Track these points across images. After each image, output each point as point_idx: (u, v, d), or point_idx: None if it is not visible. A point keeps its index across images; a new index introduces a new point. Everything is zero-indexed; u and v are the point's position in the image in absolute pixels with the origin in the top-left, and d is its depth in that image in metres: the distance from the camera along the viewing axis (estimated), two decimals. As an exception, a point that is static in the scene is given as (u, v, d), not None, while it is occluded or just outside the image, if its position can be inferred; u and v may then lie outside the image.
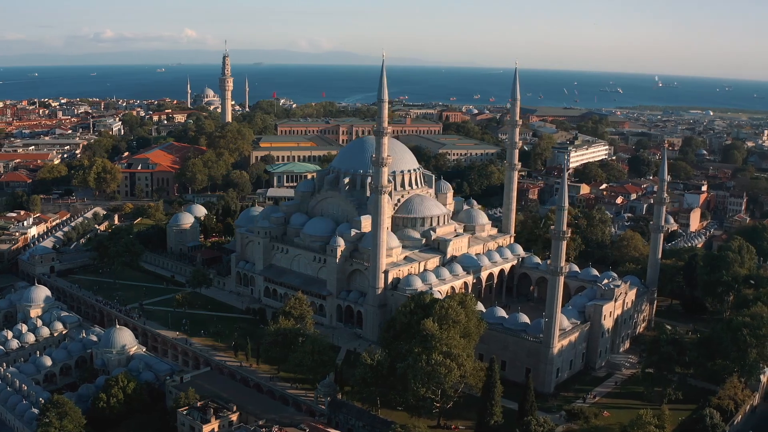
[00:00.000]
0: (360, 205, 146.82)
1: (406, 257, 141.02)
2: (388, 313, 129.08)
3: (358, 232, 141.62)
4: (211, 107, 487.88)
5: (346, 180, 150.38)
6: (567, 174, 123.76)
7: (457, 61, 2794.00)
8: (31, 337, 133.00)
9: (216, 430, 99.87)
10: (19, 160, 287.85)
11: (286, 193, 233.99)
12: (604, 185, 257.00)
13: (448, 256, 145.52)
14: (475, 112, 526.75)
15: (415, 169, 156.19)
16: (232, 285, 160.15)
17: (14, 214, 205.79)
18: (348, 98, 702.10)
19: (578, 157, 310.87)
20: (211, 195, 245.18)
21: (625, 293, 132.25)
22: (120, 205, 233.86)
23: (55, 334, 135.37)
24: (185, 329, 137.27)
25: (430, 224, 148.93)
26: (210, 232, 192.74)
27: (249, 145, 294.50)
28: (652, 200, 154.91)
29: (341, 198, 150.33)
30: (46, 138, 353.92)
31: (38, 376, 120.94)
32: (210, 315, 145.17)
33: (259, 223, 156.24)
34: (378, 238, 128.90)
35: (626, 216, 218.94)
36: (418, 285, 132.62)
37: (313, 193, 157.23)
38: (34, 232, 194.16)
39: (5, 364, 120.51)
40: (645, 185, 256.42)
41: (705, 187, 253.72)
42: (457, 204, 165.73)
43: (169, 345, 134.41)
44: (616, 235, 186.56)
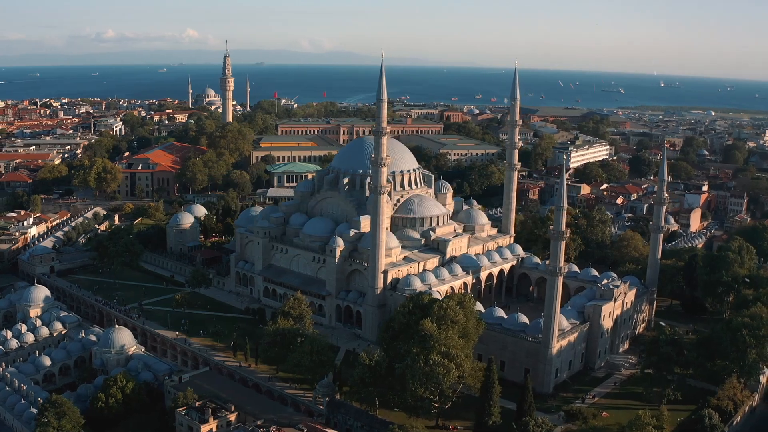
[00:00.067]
0: (359, 205, 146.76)
1: (405, 257, 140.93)
2: (387, 313, 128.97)
3: (358, 232, 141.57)
4: (213, 107, 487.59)
5: (346, 180, 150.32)
6: (567, 174, 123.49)
7: (457, 61, 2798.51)
8: (30, 337, 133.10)
9: (214, 430, 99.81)
10: (19, 160, 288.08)
11: (287, 193, 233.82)
12: (605, 185, 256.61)
13: (448, 257, 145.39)
14: (476, 112, 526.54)
15: (415, 169, 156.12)
16: (231, 285, 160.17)
17: (14, 214, 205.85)
18: (349, 98, 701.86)
19: (579, 158, 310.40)
20: (211, 195, 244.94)
21: (625, 293, 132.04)
22: (120, 205, 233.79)
23: (55, 334, 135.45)
24: (184, 329, 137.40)
25: (429, 224, 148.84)
26: (210, 232, 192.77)
27: (249, 145, 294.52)
28: (653, 200, 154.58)
29: (341, 198, 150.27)
30: (47, 138, 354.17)
31: (37, 376, 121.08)
32: (209, 315, 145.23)
33: (259, 223, 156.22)
34: (377, 239, 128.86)
35: (626, 216, 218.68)
36: (418, 285, 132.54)
37: (312, 193, 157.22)
38: (34, 232, 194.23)
39: (4, 364, 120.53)
40: (646, 185, 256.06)
41: (706, 188, 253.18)
42: (457, 204, 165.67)
43: (168, 345, 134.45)
44: (617, 236, 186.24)
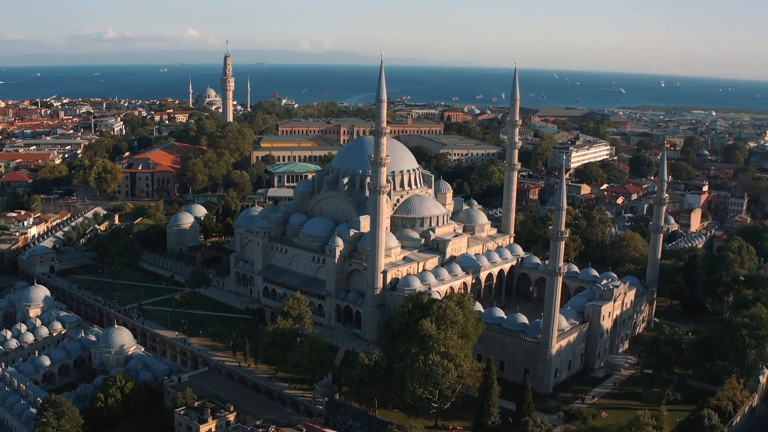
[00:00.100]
0: (359, 205, 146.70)
1: (405, 257, 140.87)
2: (386, 313, 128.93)
3: (357, 232, 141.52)
4: (213, 107, 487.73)
5: (345, 180, 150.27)
6: (567, 174, 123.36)
7: (458, 61, 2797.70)
8: (30, 337, 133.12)
9: (213, 430, 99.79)
10: (20, 160, 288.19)
11: (287, 193, 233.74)
12: (605, 185, 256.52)
13: (447, 257, 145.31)
14: (477, 112, 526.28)
15: (415, 169, 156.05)
16: (231, 285, 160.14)
17: (15, 214, 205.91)
18: (350, 98, 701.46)
19: (579, 158, 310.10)
20: (211, 195, 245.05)
21: (625, 294, 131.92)
22: (120, 205, 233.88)
23: (54, 334, 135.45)
24: (184, 329, 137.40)
25: (429, 224, 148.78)
26: (210, 232, 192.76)
27: (250, 145, 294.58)
28: (653, 201, 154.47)
29: (340, 198, 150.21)
30: (47, 138, 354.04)
31: (37, 375, 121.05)
32: (209, 315, 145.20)
33: (259, 223, 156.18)
34: (377, 239, 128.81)
35: (627, 216, 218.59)
36: (417, 285, 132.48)
37: (312, 193, 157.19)
38: (34, 232, 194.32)
39: (4, 364, 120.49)
40: (646, 185, 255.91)
41: (706, 188, 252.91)
42: (457, 204, 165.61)
43: (168, 345, 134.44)
44: (617, 236, 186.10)
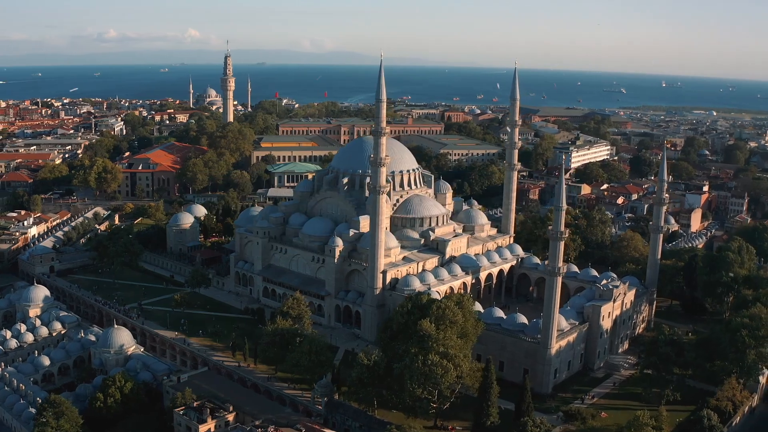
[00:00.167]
0: (359, 205, 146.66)
1: (404, 257, 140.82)
2: (386, 313, 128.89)
3: (357, 232, 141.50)
4: (214, 107, 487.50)
5: (345, 180, 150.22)
6: (565, 174, 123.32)
7: (458, 62, 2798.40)
8: (29, 337, 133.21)
9: (212, 430, 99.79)
10: (20, 160, 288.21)
11: (287, 193, 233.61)
12: (605, 185, 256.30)
13: (447, 257, 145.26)
14: (478, 112, 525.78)
15: (415, 169, 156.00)
16: (231, 285, 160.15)
17: (15, 214, 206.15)
18: (351, 98, 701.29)
19: (580, 158, 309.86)
20: (211, 195, 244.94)
21: (624, 294, 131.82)
22: (121, 205, 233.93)
23: (54, 334, 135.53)
24: (183, 329, 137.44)
25: (429, 224, 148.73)
26: (210, 232, 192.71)
27: (250, 145, 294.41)
28: (653, 201, 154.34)
29: (340, 198, 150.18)
30: (48, 138, 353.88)
31: (36, 375, 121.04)
32: (208, 315, 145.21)
33: (258, 223, 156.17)
34: (376, 239, 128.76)
35: (627, 216, 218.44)
36: (417, 285, 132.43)
37: (312, 193, 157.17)
38: (34, 231, 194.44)
39: (3, 364, 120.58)
40: (646, 185, 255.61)
41: (706, 188, 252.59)
42: (457, 204, 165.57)
43: (168, 345, 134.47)
44: (617, 236, 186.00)
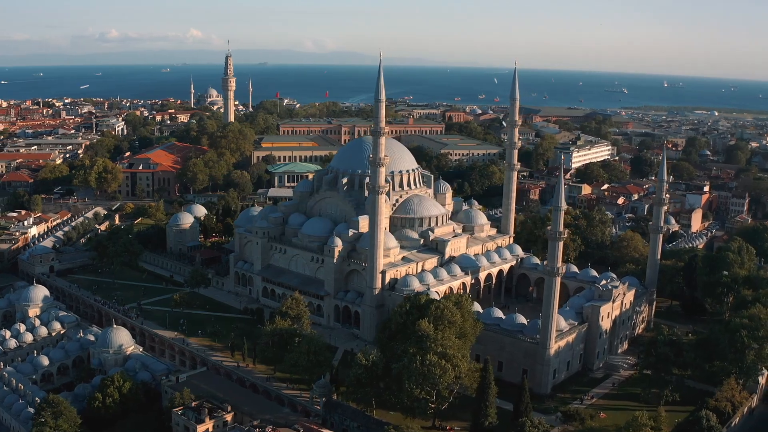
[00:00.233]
0: (358, 205, 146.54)
1: (403, 257, 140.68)
2: (385, 313, 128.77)
3: (356, 232, 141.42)
4: (215, 107, 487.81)
5: (345, 180, 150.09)
6: (564, 174, 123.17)
7: (459, 62, 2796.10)
8: (29, 337, 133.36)
9: (210, 430, 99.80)
10: (21, 160, 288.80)
11: (287, 193, 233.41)
12: (606, 186, 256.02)
13: (447, 257, 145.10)
14: (479, 112, 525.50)
15: (414, 169, 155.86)
16: (230, 285, 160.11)
17: (15, 214, 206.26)
18: (352, 98, 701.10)
19: (581, 158, 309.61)
20: (212, 195, 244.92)
21: (624, 294, 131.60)
22: (121, 204, 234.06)
23: (53, 334, 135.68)
24: (183, 329, 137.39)
25: (428, 224, 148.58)
26: (210, 232, 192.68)
27: (250, 145, 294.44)
28: (653, 201, 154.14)
29: (339, 198, 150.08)
30: (48, 138, 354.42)
31: (35, 375, 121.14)
32: (208, 315, 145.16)
33: (258, 223, 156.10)
34: (375, 239, 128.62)
35: (627, 216, 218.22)
36: (416, 285, 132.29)
37: (311, 193, 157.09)
38: (34, 231, 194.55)
39: (3, 364, 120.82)
40: (647, 186, 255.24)
41: (707, 188, 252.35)
42: (456, 204, 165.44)
43: (167, 345, 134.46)
44: (617, 236, 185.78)
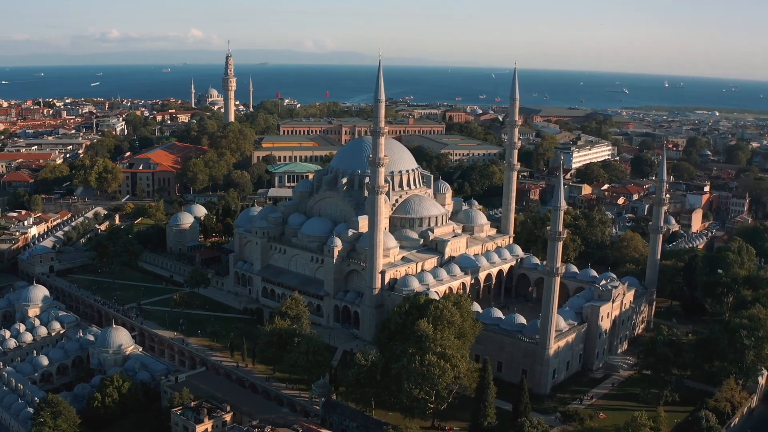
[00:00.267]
0: (358, 205, 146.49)
1: (403, 258, 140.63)
2: (385, 313, 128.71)
3: (356, 232, 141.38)
4: (215, 107, 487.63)
5: (344, 180, 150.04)
6: (564, 174, 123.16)
7: (460, 62, 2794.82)
8: (28, 337, 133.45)
9: (209, 430, 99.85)
10: (21, 160, 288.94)
11: (287, 194, 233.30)
12: (606, 186, 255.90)
13: (446, 257, 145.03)
14: (479, 112, 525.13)
15: (414, 169, 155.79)
16: (230, 285, 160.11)
17: (15, 214, 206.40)
18: (352, 98, 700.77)
19: (581, 158, 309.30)
20: (212, 195, 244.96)
21: (624, 294, 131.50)
22: (121, 204, 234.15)
23: (53, 334, 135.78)
24: (182, 329, 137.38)
25: (428, 224, 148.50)
26: (210, 232, 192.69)
27: (251, 145, 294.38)
28: (653, 201, 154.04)
29: (339, 198, 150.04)
30: (49, 138, 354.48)
31: (35, 375, 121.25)
32: (207, 315, 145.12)
33: (257, 223, 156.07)
34: (375, 239, 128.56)
35: (628, 217, 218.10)
36: (415, 285, 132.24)
37: (311, 194, 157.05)
38: (34, 231, 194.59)
39: (2, 364, 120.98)
40: (647, 186, 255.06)
41: (708, 188, 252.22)
42: (456, 204, 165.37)
43: (166, 345, 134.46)
44: (617, 236, 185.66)
